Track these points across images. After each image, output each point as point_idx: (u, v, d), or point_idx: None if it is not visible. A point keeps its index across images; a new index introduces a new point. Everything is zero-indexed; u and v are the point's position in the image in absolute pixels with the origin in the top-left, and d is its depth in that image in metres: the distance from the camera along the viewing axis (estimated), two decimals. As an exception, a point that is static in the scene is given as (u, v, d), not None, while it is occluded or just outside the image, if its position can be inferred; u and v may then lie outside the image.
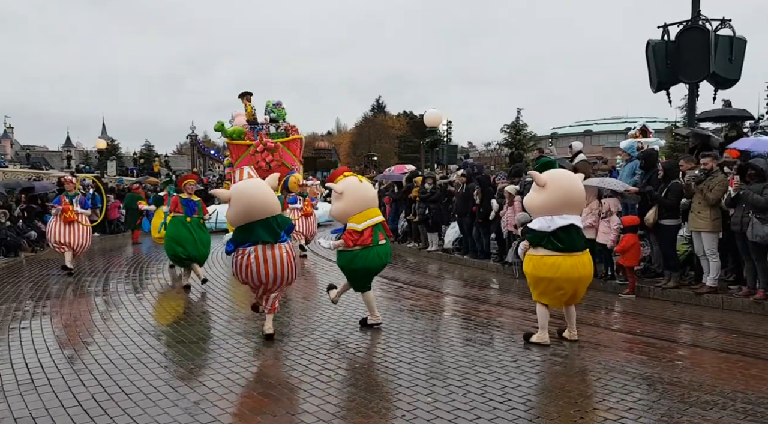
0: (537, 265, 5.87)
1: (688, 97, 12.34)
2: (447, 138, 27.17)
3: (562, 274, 5.73)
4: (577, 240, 5.84)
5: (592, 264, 6.07)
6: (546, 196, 5.80)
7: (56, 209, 11.06)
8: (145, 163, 54.10)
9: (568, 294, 5.87)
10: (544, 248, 5.80)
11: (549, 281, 5.79)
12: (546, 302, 5.93)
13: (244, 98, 17.12)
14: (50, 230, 11.07)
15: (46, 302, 8.37)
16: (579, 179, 6.07)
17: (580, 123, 71.74)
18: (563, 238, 5.73)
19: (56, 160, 65.64)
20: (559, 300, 5.90)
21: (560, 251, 5.73)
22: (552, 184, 5.79)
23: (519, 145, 47.02)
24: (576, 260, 5.79)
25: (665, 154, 18.86)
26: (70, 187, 11.38)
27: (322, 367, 5.28)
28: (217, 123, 16.50)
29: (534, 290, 6.02)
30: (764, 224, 7.03)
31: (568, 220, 5.75)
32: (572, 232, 5.79)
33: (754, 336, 6.27)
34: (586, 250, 5.99)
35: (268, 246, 5.96)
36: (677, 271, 8.43)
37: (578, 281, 5.84)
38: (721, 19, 11.22)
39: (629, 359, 5.45)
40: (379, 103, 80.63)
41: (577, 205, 5.97)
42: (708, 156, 8.04)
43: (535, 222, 5.90)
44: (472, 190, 11.73)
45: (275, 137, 16.24)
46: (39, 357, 5.63)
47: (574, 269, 5.76)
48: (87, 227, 11.34)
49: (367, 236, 6.40)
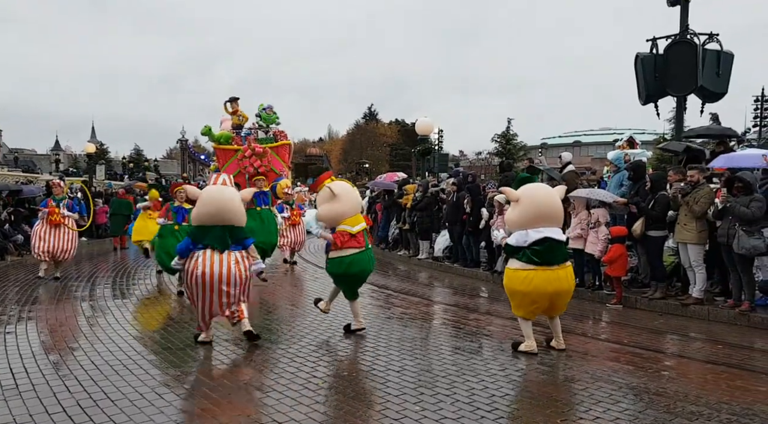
0: (511, 278, 5.96)
1: (676, 109, 12.49)
2: (438, 146, 27.29)
3: (534, 288, 5.76)
4: (554, 254, 5.84)
5: (572, 277, 6.07)
6: (519, 210, 5.89)
7: (42, 212, 10.91)
8: (134, 167, 53.78)
9: (542, 308, 5.91)
10: (518, 261, 5.87)
11: (522, 294, 5.85)
12: (521, 314, 5.99)
13: (233, 103, 17.02)
14: (35, 234, 10.81)
15: (32, 306, 8.29)
16: (554, 192, 6.08)
17: (569, 134, 72.32)
18: (540, 251, 5.78)
19: (44, 163, 65.06)
20: (533, 313, 5.95)
21: (535, 264, 5.77)
22: (525, 199, 5.89)
23: (509, 155, 47.32)
24: (550, 274, 5.79)
25: (653, 165, 19.03)
26: (57, 191, 11.28)
27: (311, 374, 5.26)
28: (204, 127, 15.93)
29: (511, 301, 6.10)
30: (750, 237, 7.11)
31: (543, 233, 5.79)
32: (549, 245, 5.81)
33: (740, 347, 6.34)
34: (566, 264, 5.99)
35: (216, 251, 6.03)
36: (664, 282, 8.51)
37: (553, 295, 5.85)
38: (708, 33, 11.38)
39: (616, 369, 5.48)
40: (371, 111, 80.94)
41: (553, 218, 5.95)
42: (694, 168, 8.14)
43: (512, 237, 5.98)
44: (462, 199, 11.78)
45: (264, 142, 15.95)
46: (24, 362, 5.56)
47: (548, 283, 5.78)
48: (73, 232, 11.15)
49: (362, 239, 6.53)
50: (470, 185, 12.17)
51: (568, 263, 6.07)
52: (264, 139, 16.28)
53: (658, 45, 11.84)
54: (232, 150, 15.43)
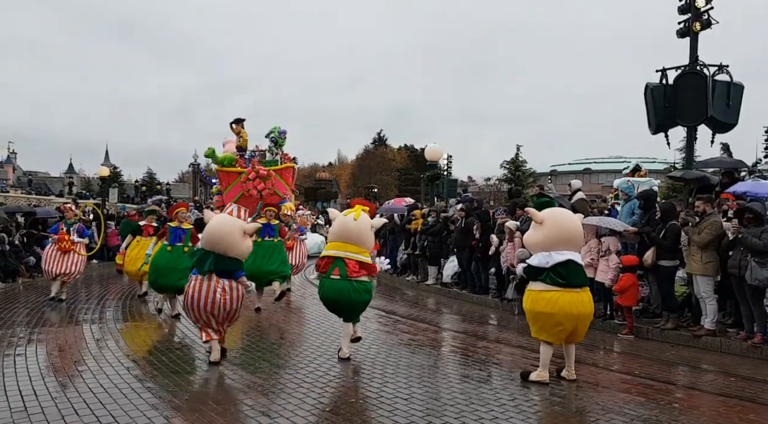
0: (535, 300, 5.89)
1: (687, 139, 12.52)
2: (447, 172, 27.40)
3: (560, 309, 5.73)
4: (577, 276, 5.86)
5: (591, 302, 6.06)
6: (544, 233, 5.89)
7: (52, 238, 11.04)
8: (146, 190, 54.28)
9: (567, 330, 5.84)
10: (542, 283, 5.83)
11: (547, 316, 5.79)
12: (545, 337, 5.91)
13: (238, 124, 16.73)
14: (45, 257, 11.02)
15: (42, 328, 8.32)
16: (577, 218, 6.16)
17: (579, 161, 72.30)
18: (562, 273, 5.77)
19: (57, 186, 65.90)
20: (558, 336, 5.87)
21: (559, 286, 5.75)
22: (549, 221, 5.90)
23: (518, 182, 47.31)
24: (574, 296, 5.79)
25: (663, 195, 19.01)
26: (69, 215, 11.36)
27: (318, 401, 5.24)
28: (208, 149, 15.65)
29: (533, 325, 6.01)
30: (763, 268, 7.06)
31: (566, 255, 5.80)
32: (571, 267, 5.82)
33: (753, 380, 6.24)
34: (586, 287, 6.00)
35: (203, 277, 6.39)
36: (675, 312, 8.42)
37: (577, 318, 5.83)
38: (718, 64, 11.45)
39: (627, 401, 5.41)
40: (380, 136, 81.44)
41: (575, 243, 6.01)
42: (701, 199, 8.12)
43: (534, 258, 5.96)
44: (471, 225, 11.79)
45: (268, 165, 15.63)
46: (33, 385, 5.58)
47: (573, 306, 5.76)
48: (81, 257, 11.21)
49: (324, 264, 6.72)
50: (480, 211, 12.18)
51: (587, 288, 6.05)
52: (268, 161, 16.08)
53: (667, 75, 11.93)
54: (236, 172, 15.04)
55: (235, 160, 15.60)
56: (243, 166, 15.50)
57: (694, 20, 11.76)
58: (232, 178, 15.23)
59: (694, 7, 11.77)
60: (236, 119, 16.54)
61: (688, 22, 11.90)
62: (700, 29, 11.66)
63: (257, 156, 16.13)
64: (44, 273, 11.07)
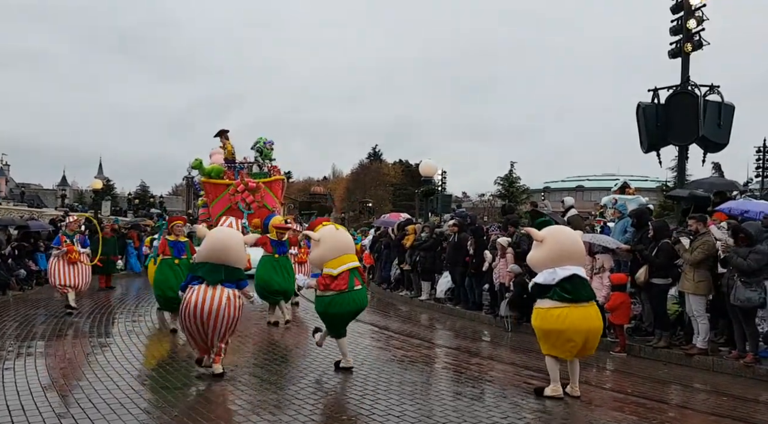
0: (545, 317, 5.88)
1: (678, 158, 12.66)
2: (441, 188, 27.48)
3: (570, 325, 5.74)
4: (583, 290, 5.91)
5: (600, 315, 6.09)
6: (546, 250, 5.94)
7: (59, 251, 10.99)
8: (139, 203, 54.12)
9: (579, 346, 5.85)
10: (550, 300, 5.85)
11: (558, 332, 5.79)
12: (556, 354, 5.91)
13: (222, 136, 16.06)
14: (53, 271, 10.98)
15: (32, 342, 8.24)
16: (577, 234, 6.23)
17: (572, 178, 72.79)
18: (569, 288, 5.80)
19: (50, 198, 65.63)
20: (570, 352, 5.87)
21: (567, 301, 5.77)
22: (550, 238, 5.96)
23: (512, 198, 47.54)
24: (583, 311, 5.82)
25: (656, 213, 19.12)
26: (73, 227, 11.40)
27: (309, 418, 5.20)
28: (195, 160, 15.40)
29: (543, 343, 6.00)
30: (746, 288, 7.10)
31: (571, 270, 5.84)
32: (577, 282, 5.85)
33: (745, 400, 6.24)
34: (593, 301, 6.03)
35: (210, 287, 6.35)
36: (668, 330, 8.43)
37: (587, 332, 5.85)
38: (709, 85, 11.61)
39: (620, 419, 5.40)
40: (375, 151, 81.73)
41: (578, 258, 6.05)
42: (693, 218, 8.17)
43: (539, 276, 5.98)
44: (464, 240, 11.80)
45: (257, 177, 15.31)
46: (21, 400, 5.51)
47: (582, 320, 5.79)
48: (87, 267, 11.32)
49: (342, 281, 6.64)
50: (473, 227, 12.20)
51: (594, 301, 6.07)
52: (257, 174, 15.70)
53: (659, 95, 12.08)
54: (223, 184, 14.73)
55: (223, 172, 15.21)
56: (231, 178, 15.09)
57: (685, 41, 11.95)
58: (219, 191, 14.79)
59: (686, 28, 11.96)
60: (220, 131, 16.12)
61: (680, 42, 12.09)
62: (692, 50, 11.85)
63: (246, 168, 15.72)
64: (57, 287, 11.04)
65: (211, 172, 15.24)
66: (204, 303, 6.27)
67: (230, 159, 15.83)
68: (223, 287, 6.37)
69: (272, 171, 16.12)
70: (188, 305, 6.32)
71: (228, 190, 14.98)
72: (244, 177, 14.78)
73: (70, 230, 11.27)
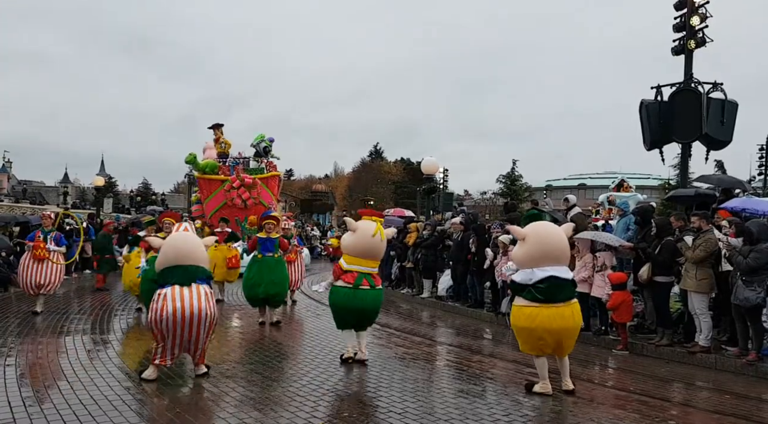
0: (516, 315, 6.04)
1: (681, 156, 12.61)
2: (443, 185, 27.47)
3: (539, 324, 5.80)
4: (559, 291, 5.87)
5: (578, 315, 6.05)
6: (526, 249, 5.99)
7: (28, 246, 10.55)
8: (141, 201, 54.14)
9: (550, 345, 5.89)
10: (524, 299, 5.93)
11: (529, 330, 5.89)
12: (528, 351, 6.06)
13: (217, 129, 15.33)
14: (21, 268, 10.49)
15: (32, 338, 8.24)
16: (559, 231, 6.15)
17: (574, 176, 72.64)
18: (542, 289, 5.83)
19: (52, 195, 65.64)
20: (542, 349, 5.95)
21: (539, 301, 5.82)
22: (531, 237, 5.99)
23: (514, 196, 47.52)
24: (555, 311, 5.81)
25: (659, 211, 19.10)
26: (47, 223, 10.92)
27: (311, 415, 5.19)
28: (189, 155, 14.59)
29: (518, 338, 6.14)
30: (747, 287, 7.08)
31: (548, 272, 5.85)
32: (552, 283, 5.85)
33: (747, 398, 6.22)
34: (572, 301, 5.98)
35: (184, 287, 6.13)
36: (670, 328, 8.41)
37: (558, 332, 5.84)
38: (713, 82, 11.57)
39: (622, 417, 5.38)
40: (377, 149, 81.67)
41: (559, 257, 5.98)
42: (697, 215, 8.14)
43: (518, 274, 6.08)
44: (468, 239, 11.78)
45: (253, 173, 14.79)
46: (22, 395, 5.51)
47: (552, 320, 5.79)
48: (59, 266, 10.76)
49: (350, 276, 6.89)
50: (476, 225, 12.19)
51: (574, 301, 6.04)
52: (254, 169, 15.26)
53: (662, 93, 12.04)
54: (218, 180, 14.13)
55: (218, 167, 14.73)
56: (226, 174, 14.62)
57: (688, 38, 11.90)
58: (214, 187, 14.17)
59: (689, 25, 11.91)
60: (215, 124, 15.55)
61: (683, 39, 12.04)
62: (695, 47, 11.80)
63: (241, 163, 15.25)
64: (21, 285, 10.56)
65: (205, 167, 14.65)
66: (182, 305, 5.97)
67: (225, 154, 15.34)
68: (198, 284, 6.19)
69: (268, 167, 15.66)
70: (163, 310, 5.96)
71: (223, 185, 14.44)
72: (239, 173, 14.31)
73: (46, 226, 10.80)
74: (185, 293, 6.08)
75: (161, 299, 6.05)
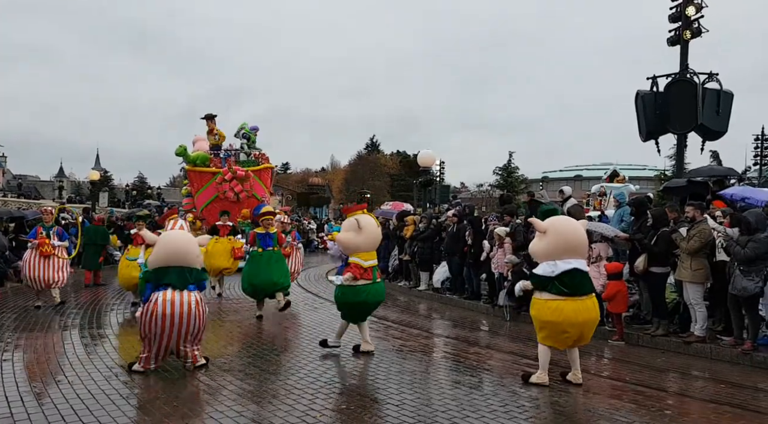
0: (541, 309, 5.97)
1: (677, 147, 12.65)
2: (440, 178, 27.45)
3: (565, 318, 5.81)
4: (582, 284, 5.94)
5: (597, 307, 6.14)
6: (548, 242, 5.96)
7: (32, 244, 10.44)
8: (137, 195, 54.00)
9: (573, 337, 5.94)
10: (548, 293, 5.90)
11: (554, 324, 5.87)
12: (551, 344, 6.01)
13: (210, 121, 14.92)
14: (25, 263, 10.44)
15: (30, 333, 8.23)
16: (579, 225, 6.23)
17: (570, 168, 72.74)
18: (567, 282, 5.84)
19: (48, 190, 65.48)
20: (565, 342, 5.98)
21: (564, 295, 5.83)
22: (553, 230, 5.97)
23: (510, 188, 47.51)
24: (579, 304, 5.87)
25: (656, 202, 19.14)
26: (47, 219, 10.80)
27: (309, 407, 5.20)
28: (179, 147, 14.06)
29: (539, 332, 6.09)
30: (745, 277, 7.10)
31: (571, 264, 5.86)
32: (576, 276, 5.88)
33: (742, 387, 6.26)
34: (592, 294, 6.07)
35: (177, 292, 6.16)
36: (666, 319, 8.44)
37: (582, 325, 5.92)
38: (708, 73, 11.57)
39: (618, 407, 5.42)
40: (373, 142, 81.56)
41: (580, 250, 6.06)
42: (691, 205, 8.15)
43: (539, 267, 6.02)
44: (463, 231, 11.79)
45: (246, 165, 14.30)
46: (20, 390, 5.51)
47: (578, 313, 5.84)
48: (64, 261, 10.70)
49: (369, 273, 7.04)
50: (472, 217, 12.19)
51: (593, 294, 6.11)
52: (246, 162, 14.76)
53: (658, 83, 12.04)
54: (210, 173, 13.70)
55: (209, 159, 14.36)
56: (218, 166, 14.23)
57: (684, 28, 11.89)
58: (205, 179, 13.79)
59: (685, 15, 11.90)
60: (207, 115, 15.10)
61: (679, 30, 12.03)
62: (691, 37, 11.79)
63: (233, 156, 14.88)
64: (28, 282, 10.48)
65: (196, 159, 14.12)
66: (172, 309, 6.05)
67: (217, 146, 14.96)
68: (190, 291, 6.23)
69: (260, 159, 15.30)
70: (153, 312, 6.05)
71: (215, 178, 13.96)
72: (232, 165, 13.96)
73: (47, 222, 10.70)
74: (176, 298, 6.12)
75: (152, 302, 6.11)
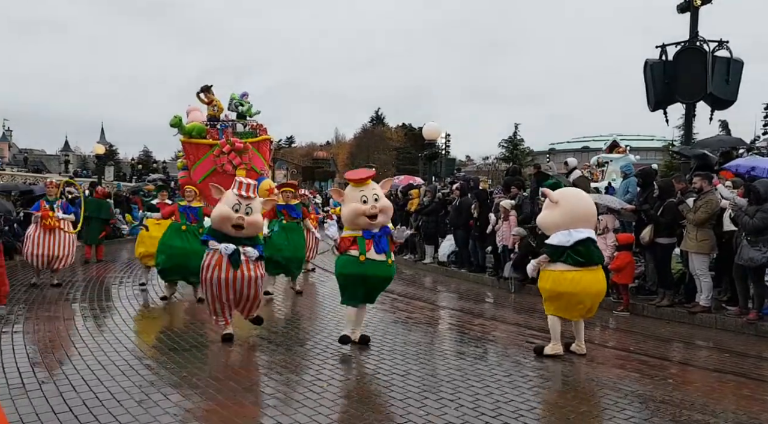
0: (557, 280, 5.92)
1: (685, 116, 12.45)
2: (446, 151, 27.30)
3: (582, 288, 5.83)
4: (595, 253, 5.96)
5: (605, 278, 6.18)
6: (559, 212, 5.95)
7: (35, 216, 10.04)
8: (142, 168, 54.06)
9: (587, 308, 5.98)
10: (563, 263, 5.88)
11: (570, 295, 5.87)
12: (563, 315, 6.01)
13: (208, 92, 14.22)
14: (28, 238, 9.98)
15: (40, 306, 8.33)
16: (588, 196, 6.25)
17: (577, 139, 72.07)
18: (582, 252, 5.84)
19: (54, 164, 65.65)
20: (579, 313, 6.00)
21: (580, 265, 5.83)
22: (564, 200, 5.96)
23: (516, 160, 47.27)
24: (594, 274, 5.92)
25: (661, 173, 18.97)
26: (52, 192, 10.48)
27: (315, 377, 5.27)
28: (174, 118, 13.49)
29: (551, 304, 6.05)
30: (752, 247, 7.06)
31: (584, 233, 5.87)
32: (590, 245, 5.89)
33: (746, 356, 6.29)
34: (600, 265, 6.09)
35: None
36: (671, 289, 8.46)
37: (596, 295, 5.98)
38: (718, 40, 11.34)
39: (622, 377, 5.46)
40: (378, 115, 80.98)
41: (590, 221, 6.08)
42: (699, 176, 8.09)
43: (553, 237, 5.98)
44: (467, 204, 11.77)
45: (243, 137, 13.65)
46: (31, 361, 5.60)
47: (593, 283, 5.89)
48: (71, 236, 10.36)
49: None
50: (478, 191, 12.16)
51: (601, 265, 6.14)
52: (243, 133, 14.73)
53: (667, 51, 11.82)
54: (207, 145, 13.12)
55: (206, 130, 14.21)
56: (215, 138, 14.13)
57: (694, -5, 11.61)
58: (202, 152, 13.17)
59: (695, -19, 11.61)
60: (204, 87, 14.85)
61: (689, -4, 11.75)
62: (701, 4, 11.52)
63: (230, 127, 14.72)
64: (29, 258, 10.03)
65: (191, 131, 13.73)
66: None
67: (215, 117, 14.81)
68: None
69: (258, 130, 15.13)
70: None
71: (212, 150, 13.83)
72: (229, 136, 13.83)
73: (50, 195, 10.28)
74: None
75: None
